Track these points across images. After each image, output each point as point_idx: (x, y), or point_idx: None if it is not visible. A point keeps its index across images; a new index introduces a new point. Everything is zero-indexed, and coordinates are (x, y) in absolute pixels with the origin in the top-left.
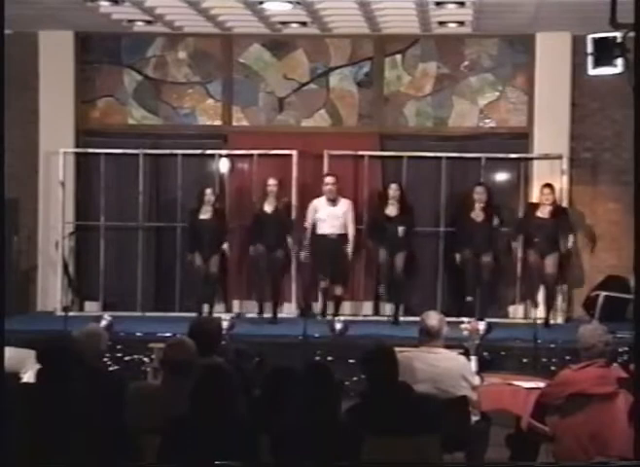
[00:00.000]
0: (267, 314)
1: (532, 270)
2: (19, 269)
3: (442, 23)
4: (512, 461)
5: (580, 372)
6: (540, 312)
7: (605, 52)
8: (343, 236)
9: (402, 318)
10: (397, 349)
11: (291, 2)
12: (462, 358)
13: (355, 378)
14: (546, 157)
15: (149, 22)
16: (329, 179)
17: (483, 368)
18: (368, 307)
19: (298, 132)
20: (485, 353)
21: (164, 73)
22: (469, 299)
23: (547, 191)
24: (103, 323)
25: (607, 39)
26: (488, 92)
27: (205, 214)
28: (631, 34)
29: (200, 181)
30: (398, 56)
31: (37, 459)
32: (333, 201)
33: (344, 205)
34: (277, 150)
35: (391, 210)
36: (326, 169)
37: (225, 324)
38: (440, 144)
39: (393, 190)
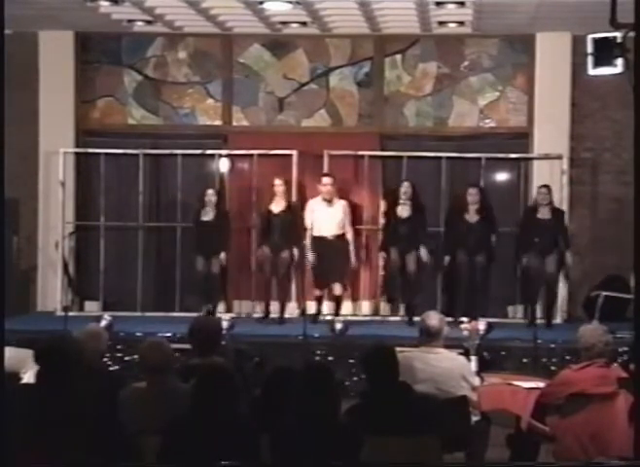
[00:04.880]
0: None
1: (532, 271)
2: (19, 269)
3: (442, 23)
4: (512, 461)
5: (580, 372)
6: (540, 312)
7: (605, 52)
8: (341, 237)
9: (400, 318)
10: (397, 349)
11: (291, 2)
12: (462, 358)
13: (355, 378)
14: (546, 157)
15: (149, 22)
16: (325, 180)
17: (483, 368)
18: (368, 307)
19: (298, 132)
20: (485, 353)
21: (164, 73)
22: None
23: (544, 191)
24: (103, 323)
25: (607, 39)
26: (488, 92)
27: (207, 215)
28: (631, 34)
29: (200, 181)
30: (398, 56)
31: (37, 459)
32: (329, 202)
33: (341, 206)
34: (277, 150)
35: (402, 210)
36: (326, 169)
37: (225, 324)
38: (440, 144)
39: (405, 187)
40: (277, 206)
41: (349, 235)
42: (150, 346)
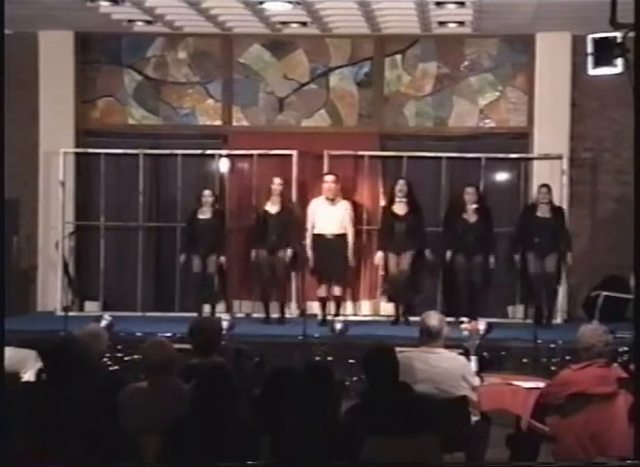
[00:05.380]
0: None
1: (532, 270)
2: (19, 269)
3: (442, 23)
4: (512, 461)
5: (580, 372)
6: (540, 312)
7: (605, 52)
8: (342, 237)
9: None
10: (397, 349)
11: (291, 2)
12: (462, 358)
13: (355, 378)
14: (546, 157)
15: (149, 22)
16: (328, 178)
17: (483, 368)
18: (368, 307)
19: (298, 132)
20: (485, 353)
21: (164, 73)
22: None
23: (544, 190)
24: (103, 323)
25: (607, 39)
26: (488, 92)
27: (204, 215)
28: (631, 34)
29: (200, 181)
30: (398, 56)
31: (37, 459)
32: (332, 201)
33: (343, 206)
34: (277, 150)
35: (399, 208)
36: (326, 169)
37: (225, 324)
38: (440, 144)
39: (400, 185)
40: (273, 206)
41: (350, 236)
42: (152, 346)
